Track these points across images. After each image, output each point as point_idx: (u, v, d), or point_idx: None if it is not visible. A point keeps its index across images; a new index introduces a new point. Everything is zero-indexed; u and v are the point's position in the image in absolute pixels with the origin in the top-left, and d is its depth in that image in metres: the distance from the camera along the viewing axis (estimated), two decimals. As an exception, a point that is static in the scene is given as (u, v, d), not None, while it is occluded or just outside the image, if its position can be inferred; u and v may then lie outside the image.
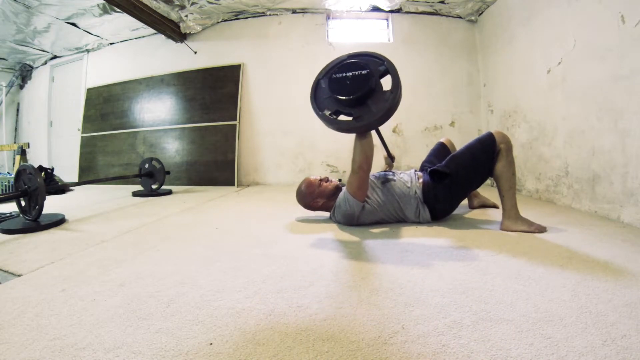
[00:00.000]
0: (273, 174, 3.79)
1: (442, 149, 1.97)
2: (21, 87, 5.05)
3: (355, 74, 1.34)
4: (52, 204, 2.50)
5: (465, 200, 2.06)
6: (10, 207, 2.36)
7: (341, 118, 1.40)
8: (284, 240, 1.45)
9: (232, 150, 3.67)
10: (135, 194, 3.05)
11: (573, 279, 0.94)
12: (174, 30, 3.72)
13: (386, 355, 0.62)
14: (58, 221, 1.85)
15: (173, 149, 3.90)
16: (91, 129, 4.32)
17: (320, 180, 1.77)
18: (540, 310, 0.76)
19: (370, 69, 1.33)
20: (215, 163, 3.73)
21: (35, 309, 0.83)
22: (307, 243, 1.38)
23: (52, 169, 3.26)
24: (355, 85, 1.32)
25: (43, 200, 1.75)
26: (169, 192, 3.17)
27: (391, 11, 3.62)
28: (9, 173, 3.89)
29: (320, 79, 1.46)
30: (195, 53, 3.93)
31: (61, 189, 3.32)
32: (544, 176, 2.39)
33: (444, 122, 3.63)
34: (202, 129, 3.81)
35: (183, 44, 3.92)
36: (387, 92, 1.32)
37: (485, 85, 3.47)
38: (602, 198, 1.81)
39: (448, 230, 1.52)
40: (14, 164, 4.30)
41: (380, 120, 1.32)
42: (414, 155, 3.54)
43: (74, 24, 3.77)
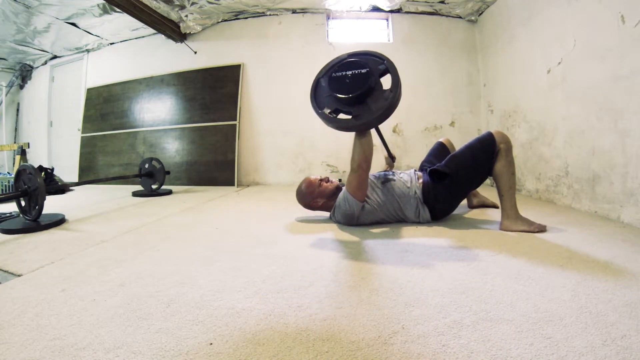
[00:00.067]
0: (273, 174, 3.79)
1: (442, 148, 1.97)
2: (21, 87, 5.05)
3: (355, 72, 1.34)
4: (52, 204, 2.50)
5: (464, 200, 2.06)
6: (10, 207, 2.36)
7: (341, 117, 1.40)
8: (284, 240, 1.45)
9: (232, 150, 3.67)
10: (135, 194, 3.05)
11: (573, 279, 0.94)
12: (174, 30, 3.72)
13: (386, 355, 0.62)
14: (58, 221, 1.85)
15: (173, 149, 3.90)
16: (91, 129, 4.32)
17: (320, 180, 1.77)
18: (540, 310, 0.76)
19: (370, 67, 1.33)
20: (215, 163, 3.73)
21: (35, 309, 0.83)
22: (307, 243, 1.38)
23: (52, 169, 3.26)
24: (354, 83, 1.32)
25: (43, 200, 1.75)
26: (169, 192, 3.17)
27: (391, 11, 3.62)
28: (9, 173, 3.89)
29: (321, 78, 1.46)
30: (195, 53, 3.93)
31: (61, 189, 3.32)
32: (544, 176, 2.39)
33: (444, 122, 3.63)
34: (202, 129, 3.81)
35: (183, 44, 3.92)
36: (387, 91, 1.32)
37: (485, 85, 3.47)
38: (602, 198, 1.81)
39: (448, 230, 1.52)
40: (14, 164, 4.30)
41: (380, 119, 1.32)
42: (414, 155, 3.54)
43: (74, 24, 3.77)
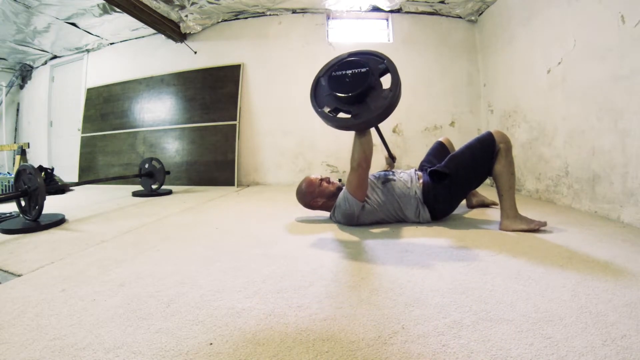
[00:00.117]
0: (273, 174, 3.79)
1: (441, 148, 1.97)
2: (21, 87, 5.05)
3: (355, 71, 1.34)
4: (52, 204, 2.50)
5: (464, 201, 2.06)
6: (10, 207, 2.36)
7: (340, 116, 1.40)
8: (284, 240, 1.45)
9: (232, 150, 3.66)
10: (135, 194, 3.05)
11: (573, 279, 0.94)
12: (174, 30, 3.72)
13: (386, 355, 0.62)
14: (58, 221, 1.85)
15: (173, 149, 3.90)
16: (91, 129, 4.32)
17: (321, 180, 1.77)
18: (540, 310, 0.76)
19: (370, 67, 1.33)
20: (215, 163, 3.73)
21: (35, 309, 0.83)
22: (307, 243, 1.38)
23: (52, 169, 3.26)
24: (354, 82, 1.32)
25: (43, 200, 1.75)
26: (169, 192, 3.17)
27: (391, 11, 3.62)
28: (9, 173, 3.89)
29: (321, 77, 1.46)
30: (195, 53, 3.93)
31: (61, 189, 3.32)
32: (544, 176, 2.39)
33: (444, 122, 3.63)
34: (202, 129, 3.81)
35: (183, 44, 3.92)
36: (386, 90, 1.32)
37: (485, 85, 3.47)
38: (602, 198, 1.81)
39: (448, 230, 1.52)
40: (14, 164, 4.31)
41: (379, 118, 1.32)
42: (413, 155, 3.54)
43: (74, 24, 3.77)
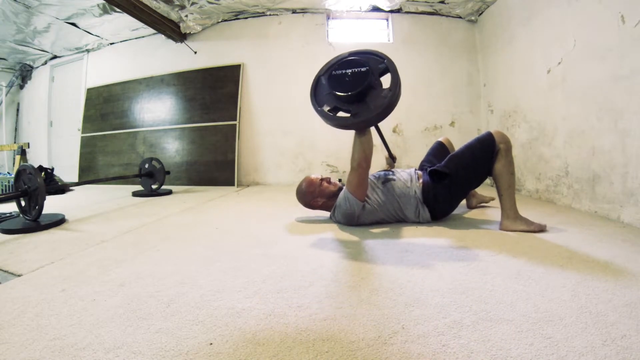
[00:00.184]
0: (273, 174, 3.79)
1: (441, 148, 1.97)
2: (21, 87, 5.05)
3: (355, 71, 1.34)
4: (52, 204, 2.50)
5: (464, 201, 2.06)
6: (10, 207, 2.36)
7: (340, 115, 1.40)
8: (284, 240, 1.45)
9: (232, 150, 3.66)
10: (135, 194, 3.05)
11: (573, 279, 0.94)
12: (174, 30, 3.72)
13: (386, 355, 0.62)
14: (58, 221, 1.85)
15: (173, 149, 3.90)
16: (91, 129, 4.32)
17: (321, 180, 1.77)
18: (540, 310, 0.76)
19: (370, 66, 1.33)
20: (215, 163, 3.73)
21: (35, 309, 0.83)
22: (307, 243, 1.38)
23: (52, 169, 3.26)
24: (354, 82, 1.32)
25: (43, 200, 1.75)
26: (169, 192, 3.17)
27: (391, 11, 3.62)
28: (9, 173, 3.89)
29: (321, 76, 1.47)
30: (195, 53, 3.93)
31: (61, 189, 3.32)
32: (544, 176, 2.39)
33: (444, 122, 3.63)
34: (202, 129, 3.81)
35: (183, 44, 3.92)
36: (386, 90, 1.32)
37: (485, 85, 3.47)
38: (602, 198, 1.81)
39: (448, 230, 1.52)
40: (14, 164, 4.30)
41: (378, 118, 1.32)
42: (413, 155, 3.54)
43: (74, 24, 3.77)
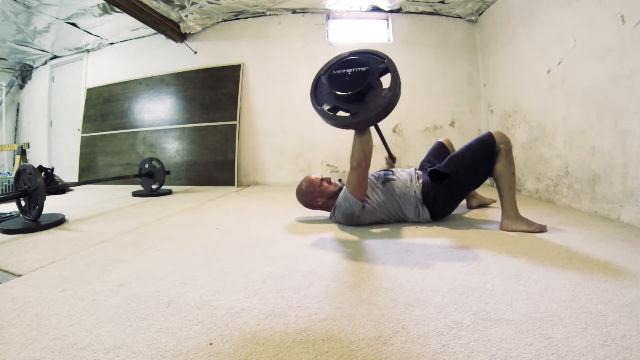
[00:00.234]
0: (273, 174, 3.79)
1: (441, 148, 1.96)
2: (21, 87, 5.05)
3: (355, 70, 1.34)
4: (52, 204, 2.50)
5: (464, 201, 2.06)
6: (10, 207, 2.36)
7: (340, 114, 1.40)
8: (284, 240, 1.45)
9: (232, 150, 3.66)
10: (135, 194, 3.05)
11: (573, 279, 0.94)
12: (174, 30, 3.72)
13: (386, 355, 0.62)
14: (58, 221, 1.85)
15: (173, 149, 3.90)
16: (91, 129, 4.32)
17: (321, 180, 1.77)
18: (540, 310, 0.76)
19: (370, 66, 1.33)
20: (215, 163, 3.73)
21: (35, 309, 0.83)
22: (307, 243, 1.38)
23: (52, 169, 3.26)
24: (354, 81, 1.33)
25: (43, 200, 1.75)
26: (169, 192, 3.17)
27: (391, 11, 3.62)
28: (9, 173, 3.89)
29: (322, 75, 1.47)
30: (195, 53, 3.93)
31: (61, 189, 3.32)
32: (544, 176, 2.39)
33: (444, 122, 3.63)
34: (202, 129, 3.81)
35: (183, 44, 3.92)
36: (386, 90, 1.32)
37: (485, 85, 3.47)
38: (602, 198, 1.81)
39: (448, 230, 1.52)
40: (14, 164, 4.30)
41: (378, 117, 1.33)
42: (413, 156, 3.54)
43: (74, 24, 3.77)
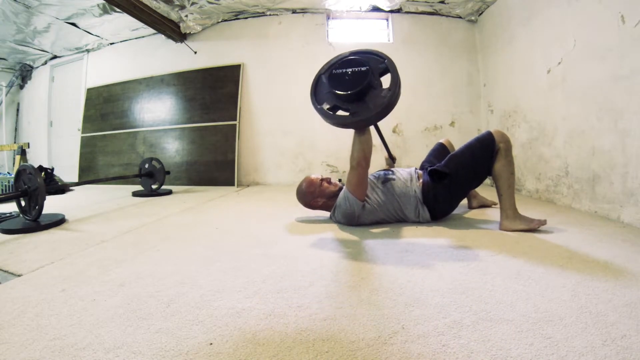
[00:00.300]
0: (273, 174, 3.79)
1: (442, 149, 1.96)
2: (21, 87, 5.05)
3: (355, 70, 1.34)
4: (52, 204, 2.50)
5: (464, 201, 2.06)
6: (10, 207, 2.36)
7: (339, 114, 1.40)
8: (284, 240, 1.45)
9: (232, 150, 3.66)
10: (135, 194, 3.05)
11: (573, 279, 0.94)
12: (174, 30, 3.72)
13: (386, 355, 0.62)
14: (58, 221, 1.85)
15: (173, 149, 3.90)
16: (91, 129, 4.32)
17: (321, 180, 1.77)
18: (540, 310, 0.76)
19: (370, 66, 1.33)
20: (215, 163, 3.73)
21: (35, 309, 0.83)
22: (307, 243, 1.38)
23: (52, 169, 3.26)
24: (354, 81, 1.33)
25: (43, 200, 1.75)
26: (169, 192, 3.17)
27: (391, 11, 3.62)
28: (9, 173, 3.89)
29: (322, 74, 1.47)
30: (195, 53, 3.93)
31: (61, 189, 3.32)
32: (544, 176, 2.39)
33: (444, 122, 3.63)
34: (202, 129, 3.81)
35: (183, 44, 3.92)
36: (386, 90, 1.32)
37: (485, 85, 3.47)
38: (602, 198, 1.81)
39: (448, 230, 1.52)
40: (14, 164, 4.30)
41: (377, 117, 1.33)
42: (413, 156, 3.54)
43: (74, 24, 3.77)
